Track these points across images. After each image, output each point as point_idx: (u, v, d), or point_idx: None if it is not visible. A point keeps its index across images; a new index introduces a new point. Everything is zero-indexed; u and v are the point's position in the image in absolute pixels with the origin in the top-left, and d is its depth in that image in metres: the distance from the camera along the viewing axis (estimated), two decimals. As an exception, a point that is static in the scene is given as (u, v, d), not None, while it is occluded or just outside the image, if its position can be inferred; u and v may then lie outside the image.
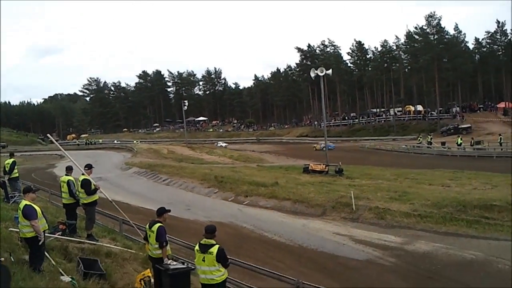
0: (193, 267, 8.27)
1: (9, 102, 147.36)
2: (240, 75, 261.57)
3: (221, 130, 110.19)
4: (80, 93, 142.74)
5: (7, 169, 17.74)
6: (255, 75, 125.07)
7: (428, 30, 77.81)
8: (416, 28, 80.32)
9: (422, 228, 17.56)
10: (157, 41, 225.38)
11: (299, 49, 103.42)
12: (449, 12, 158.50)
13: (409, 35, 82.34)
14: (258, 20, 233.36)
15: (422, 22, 78.13)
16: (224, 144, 79.85)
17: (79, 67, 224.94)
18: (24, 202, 8.47)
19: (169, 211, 9.18)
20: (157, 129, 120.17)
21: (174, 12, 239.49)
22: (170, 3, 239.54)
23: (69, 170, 12.96)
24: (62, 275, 8.26)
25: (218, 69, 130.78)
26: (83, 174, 12.39)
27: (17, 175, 18.11)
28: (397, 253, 15.27)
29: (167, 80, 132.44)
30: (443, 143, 51.88)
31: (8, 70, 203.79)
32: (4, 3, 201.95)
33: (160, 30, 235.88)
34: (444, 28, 77.72)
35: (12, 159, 17.95)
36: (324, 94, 37.75)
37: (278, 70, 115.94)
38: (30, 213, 8.22)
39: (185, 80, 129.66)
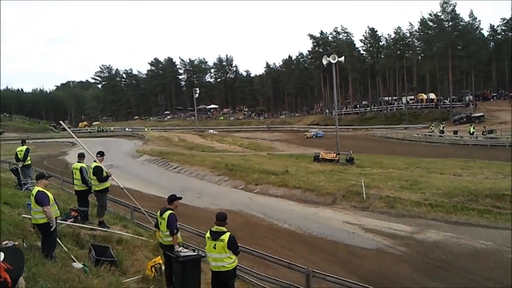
0: (203, 255, 8.32)
1: (21, 90, 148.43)
2: (252, 62, 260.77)
3: (232, 118, 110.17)
4: (92, 81, 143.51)
5: (20, 156, 17.94)
6: (267, 63, 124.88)
7: (442, 17, 76.60)
8: (430, 14, 79.20)
9: (432, 217, 17.47)
10: (169, 28, 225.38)
11: (311, 36, 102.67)
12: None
13: (423, 21, 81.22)
14: (270, 7, 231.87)
15: (437, 9, 77.02)
16: (214, 132, 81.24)
17: (91, 54, 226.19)
18: (36, 188, 8.56)
19: (180, 198, 9.24)
20: (168, 116, 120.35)
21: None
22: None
23: (81, 157, 13.08)
24: (74, 261, 8.36)
25: (230, 57, 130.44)
26: (95, 161, 12.49)
27: (29, 162, 18.34)
28: (407, 242, 15.24)
29: (178, 68, 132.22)
30: (455, 132, 51.44)
31: (20, 56, 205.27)
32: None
33: (172, 17, 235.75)
34: (458, 15, 76.27)
35: (25, 146, 18.16)
36: (336, 82, 37.57)
37: (289, 57, 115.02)
38: (42, 199, 8.31)
39: (197, 68, 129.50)
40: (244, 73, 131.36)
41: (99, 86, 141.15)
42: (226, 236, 7.49)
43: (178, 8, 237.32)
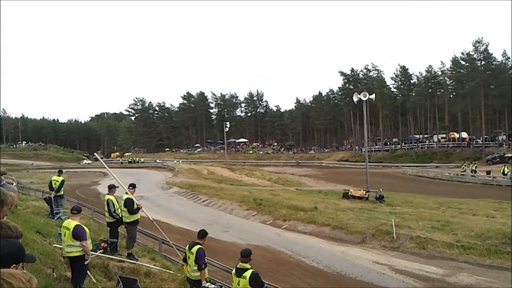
0: (229, 291, 8.31)
1: (57, 120, 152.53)
2: (282, 97, 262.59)
3: (261, 153, 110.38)
4: (126, 112, 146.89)
5: (54, 186, 18.35)
6: (297, 98, 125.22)
7: (475, 56, 76.03)
8: (462, 53, 78.73)
9: (465, 260, 16.93)
10: (202, 63, 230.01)
11: (342, 73, 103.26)
12: (497, 37, 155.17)
13: (455, 60, 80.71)
14: (300, 43, 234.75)
15: (469, 48, 76.60)
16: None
17: (125, 87, 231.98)
18: (73, 223, 8.73)
19: (207, 234, 9.31)
20: (199, 149, 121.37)
21: (219, 34, 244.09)
22: (213, 27, 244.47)
23: (110, 188, 13.31)
24: (103, 293, 8.44)
25: (260, 92, 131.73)
26: (126, 193, 12.70)
27: (62, 193, 18.73)
28: (438, 285, 14.78)
29: (210, 102, 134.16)
30: (488, 172, 50.20)
31: (56, 87, 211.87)
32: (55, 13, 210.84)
33: (205, 53, 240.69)
34: (491, 54, 75.56)
35: (61, 178, 18.59)
36: (366, 118, 37.44)
37: (320, 93, 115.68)
38: (81, 233, 8.49)
39: (228, 102, 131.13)
40: (274, 108, 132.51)
41: (132, 118, 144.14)
42: (248, 273, 7.48)
43: (210, 44, 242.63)
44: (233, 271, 7.80)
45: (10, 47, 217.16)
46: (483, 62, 74.92)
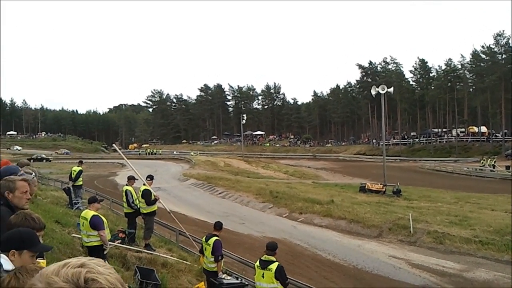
0: (246, 283, 8.33)
1: (76, 111, 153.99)
2: (299, 90, 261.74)
3: (277, 145, 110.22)
4: (144, 104, 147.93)
5: (73, 176, 18.59)
6: (314, 91, 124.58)
7: (496, 50, 74.80)
8: (483, 47, 77.46)
9: (483, 256, 16.76)
10: (220, 55, 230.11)
11: (360, 66, 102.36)
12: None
13: (475, 54, 79.45)
14: (319, 36, 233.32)
15: (490, 41, 75.33)
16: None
17: (144, 79, 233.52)
18: (90, 213, 8.83)
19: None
20: (215, 141, 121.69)
21: (237, 27, 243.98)
22: (232, 19, 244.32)
23: (130, 179, 13.43)
24: (120, 283, 8.52)
25: (278, 84, 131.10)
26: (144, 184, 12.80)
27: (81, 183, 18.95)
28: (455, 280, 14.67)
29: (227, 94, 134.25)
30: (507, 167, 49.41)
31: (75, 79, 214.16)
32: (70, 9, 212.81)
33: (223, 45, 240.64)
34: (513, 47, 74.26)
35: (79, 168, 18.81)
36: (384, 112, 37.13)
37: (337, 86, 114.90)
38: (98, 223, 8.59)
39: (245, 94, 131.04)
40: (291, 101, 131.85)
41: (150, 109, 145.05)
42: (274, 266, 7.47)
43: (228, 36, 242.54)
44: (257, 263, 7.79)
45: (30, 38, 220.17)
46: (504, 56, 73.60)
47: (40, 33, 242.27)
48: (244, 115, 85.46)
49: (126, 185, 13.40)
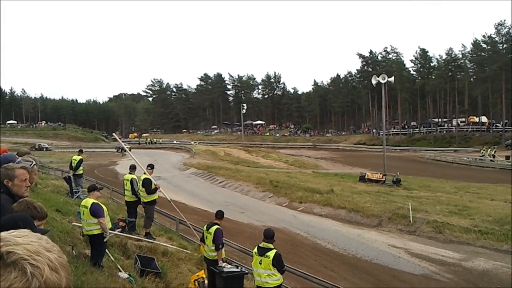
0: (246, 271, 8.37)
1: (76, 100, 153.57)
2: (299, 80, 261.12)
3: (277, 135, 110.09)
4: (144, 94, 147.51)
5: (73, 164, 18.61)
6: (314, 80, 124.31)
7: (497, 39, 74.49)
8: (484, 36, 77.06)
9: (482, 245, 16.83)
10: (219, 44, 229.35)
11: (360, 55, 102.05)
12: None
13: (476, 43, 79.09)
14: (319, 25, 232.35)
15: (491, 31, 74.88)
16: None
17: (143, 68, 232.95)
18: (90, 201, 8.85)
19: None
20: (215, 131, 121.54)
21: (236, 16, 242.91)
22: (232, 8, 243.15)
23: (133, 169, 13.46)
24: (120, 271, 8.57)
25: (278, 74, 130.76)
26: (144, 173, 12.82)
27: (81, 172, 18.98)
28: (454, 270, 14.74)
29: (227, 83, 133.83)
30: (507, 157, 49.34)
31: (75, 68, 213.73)
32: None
33: (222, 34, 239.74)
34: (514, 36, 73.90)
35: (79, 157, 18.82)
36: (384, 101, 37.01)
37: (338, 76, 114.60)
38: (98, 211, 8.60)
39: (245, 84, 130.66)
40: (292, 90, 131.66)
41: (150, 99, 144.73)
42: (272, 253, 7.51)
43: (228, 25, 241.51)
44: (255, 250, 7.83)
45: (29, 28, 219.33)
46: (505, 45, 73.31)
47: (39, 22, 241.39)
48: (244, 105, 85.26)
49: (130, 173, 13.43)
